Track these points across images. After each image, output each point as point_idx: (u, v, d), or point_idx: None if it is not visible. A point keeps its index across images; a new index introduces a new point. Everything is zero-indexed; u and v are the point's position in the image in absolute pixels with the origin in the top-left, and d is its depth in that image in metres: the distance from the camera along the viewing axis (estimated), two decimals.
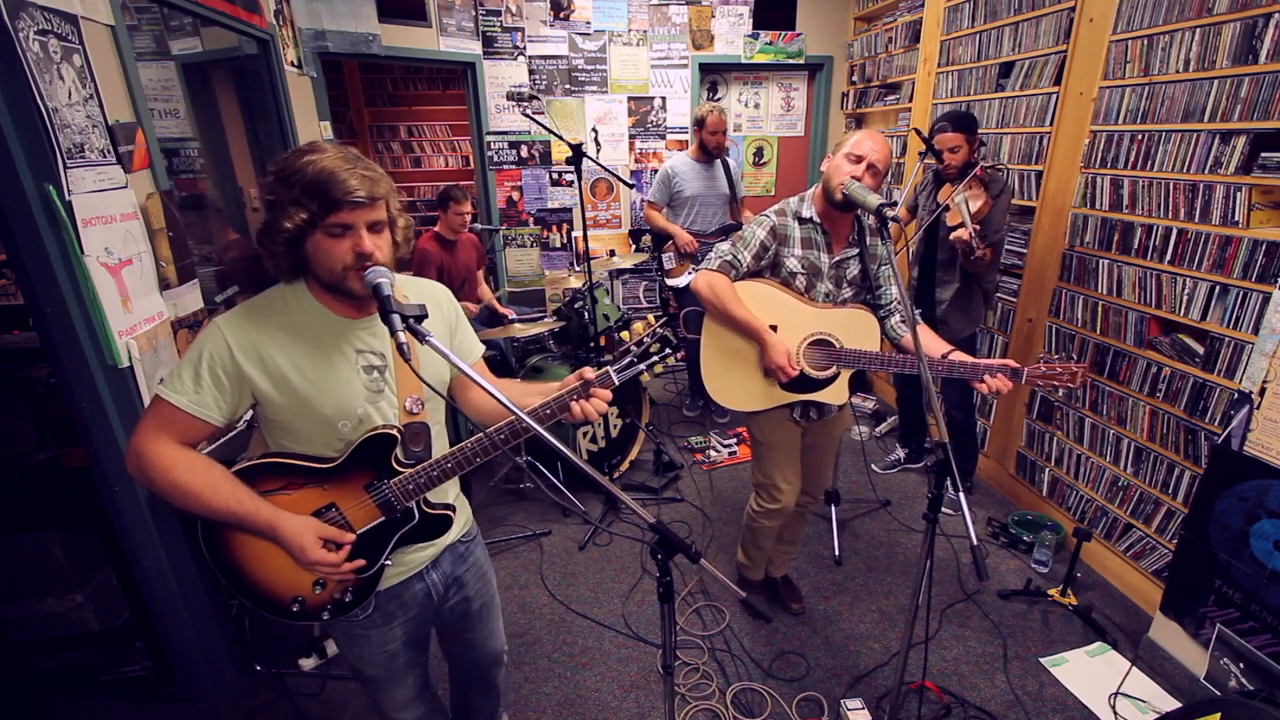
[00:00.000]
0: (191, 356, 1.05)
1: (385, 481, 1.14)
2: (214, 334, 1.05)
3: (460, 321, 1.31)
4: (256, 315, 1.08)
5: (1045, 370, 1.64)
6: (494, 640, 1.51)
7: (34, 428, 2.07)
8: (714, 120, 3.40)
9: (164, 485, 1.04)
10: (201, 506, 1.04)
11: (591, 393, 1.18)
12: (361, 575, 1.17)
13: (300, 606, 1.16)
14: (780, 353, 1.82)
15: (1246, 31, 1.90)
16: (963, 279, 2.64)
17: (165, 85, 2.38)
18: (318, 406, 1.09)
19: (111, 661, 2.10)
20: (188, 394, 1.04)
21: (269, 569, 1.14)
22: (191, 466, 1.05)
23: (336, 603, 1.18)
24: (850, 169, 1.71)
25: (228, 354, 1.04)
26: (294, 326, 1.08)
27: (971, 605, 2.38)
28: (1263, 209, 1.93)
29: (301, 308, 1.10)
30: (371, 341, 1.14)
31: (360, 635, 1.26)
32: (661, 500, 3.09)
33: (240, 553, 1.13)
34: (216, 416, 1.07)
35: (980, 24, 3.10)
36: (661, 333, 1.27)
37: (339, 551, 1.10)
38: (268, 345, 1.06)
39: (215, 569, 1.14)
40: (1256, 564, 1.73)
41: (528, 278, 4.81)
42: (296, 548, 1.06)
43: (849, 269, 1.91)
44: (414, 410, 1.18)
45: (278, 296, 1.10)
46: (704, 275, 1.87)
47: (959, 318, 2.70)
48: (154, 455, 1.04)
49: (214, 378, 1.05)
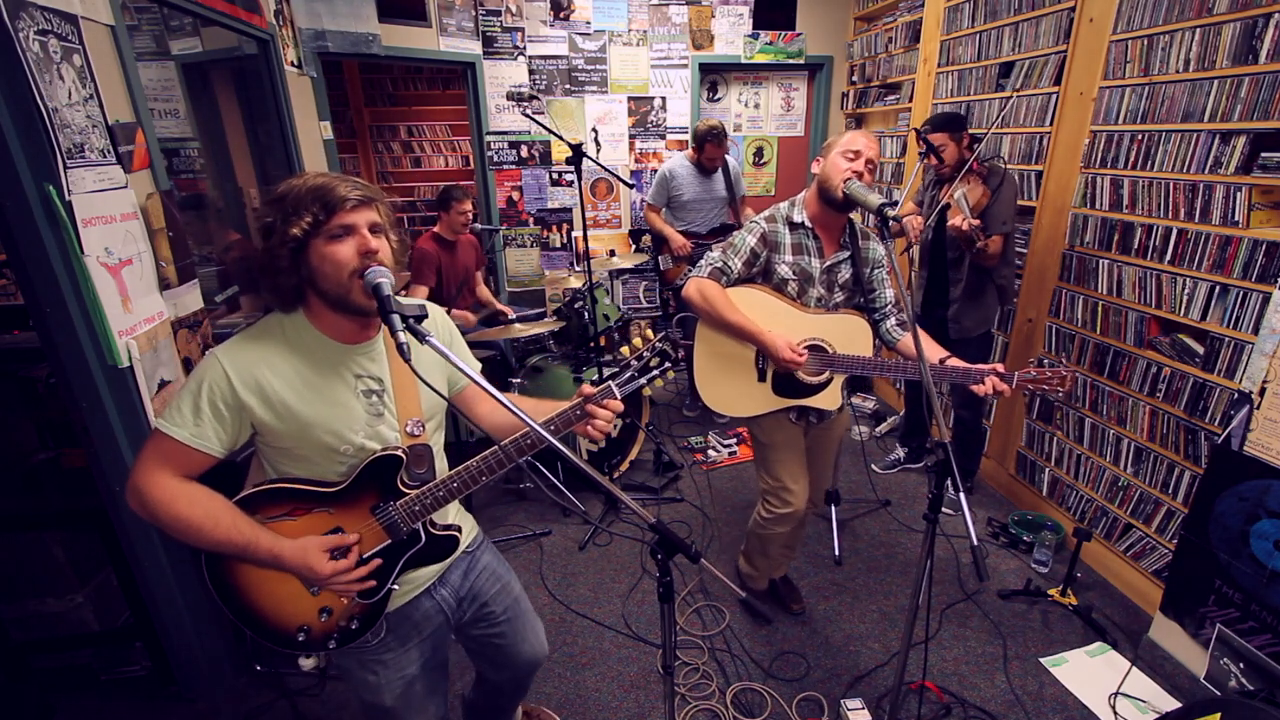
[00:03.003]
0: (190, 388, 1.04)
1: (391, 504, 1.14)
2: (212, 365, 1.04)
3: (455, 339, 1.31)
4: (254, 344, 1.07)
5: (1035, 374, 1.66)
6: (529, 645, 1.44)
7: (34, 428, 2.07)
8: (712, 149, 3.47)
9: (166, 520, 1.03)
10: (204, 540, 1.04)
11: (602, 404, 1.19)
12: (368, 600, 1.16)
13: (306, 635, 1.15)
14: (782, 346, 1.78)
15: (1246, 31, 1.90)
16: (973, 275, 2.63)
17: (165, 85, 2.38)
18: (318, 433, 1.09)
19: (111, 661, 2.10)
20: (188, 427, 1.04)
21: (273, 599, 1.13)
22: (192, 500, 1.04)
23: (343, 630, 1.17)
24: (848, 166, 1.71)
25: (227, 385, 1.04)
26: (292, 354, 1.08)
27: (971, 605, 2.37)
28: (1263, 209, 1.93)
29: (299, 335, 1.10)
30: (369, 366, 1.15)
31: (374, 661, 1.24)
32: (661, 500, 3.09)
33: (243, 583, 1.12)
34: (217, 448, 1.06)
35: (980, 24, 3.10)
36: (661, 347, 1.27)
37: (348, 557, 1.10)
38: (266, 374, 1.06)
39: (220, 601, 1.13)
40: (1256, 564, 1.73)
41: (528, 278, 4.81)
42: (303, 567, 1.06)
43: (840, 273, 1.91)
44: (415, 433, 1.18)
45: (275, 325, 1.10)
46: (694, 283, 1.85)
47: (972, 316, 2.69)
48: (154, 490, 1.03)
49: (214, 409, 1.04)
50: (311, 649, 1.16)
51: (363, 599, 1.15)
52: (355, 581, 1.10)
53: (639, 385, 1.25)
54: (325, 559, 1.07)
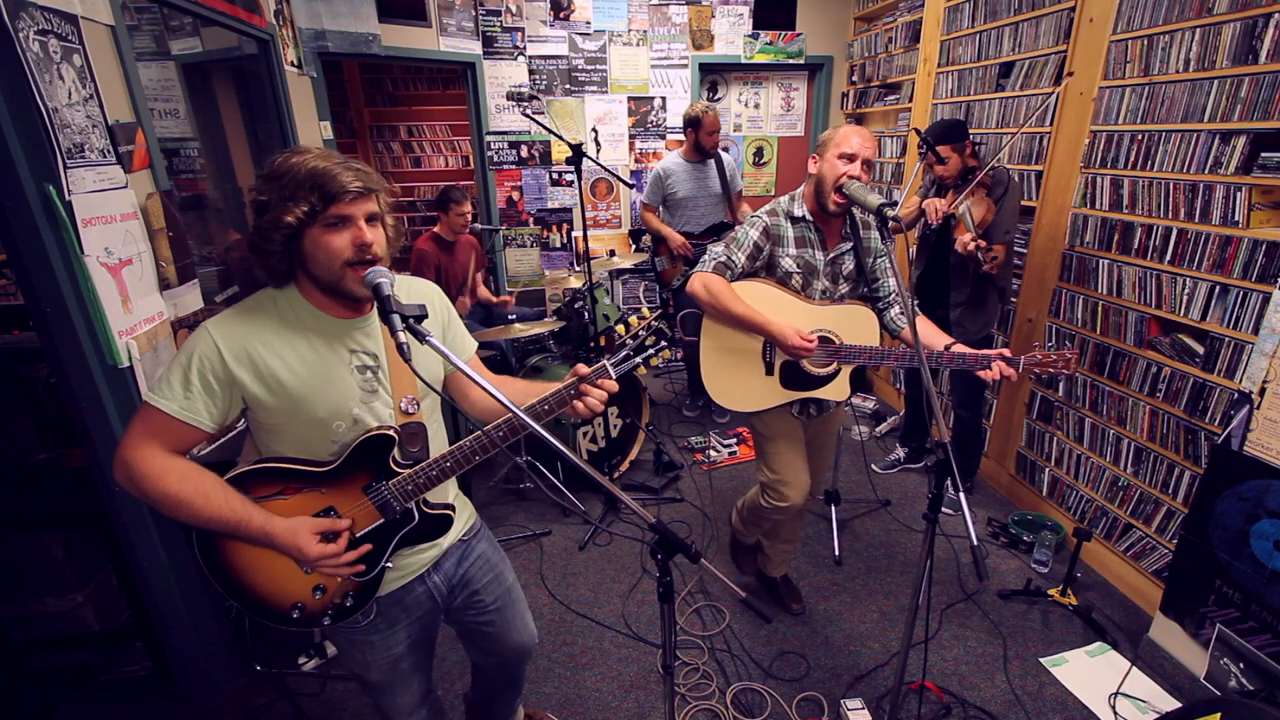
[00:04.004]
0: (181, 361, 1.03)
1: (383, 483, 1.13)
2: (203, 338, 1.03)
3: (452, 319, 1.31)
4: (246, 317, 1.06)
5: (1041, 358, 1.67)
6: (517, 633, 1.45)
7: (34, 428, 2.07)
8: (710, 120, 3.39)
9: (154, 495, 1.02)
10: (193, 516, 1.02)
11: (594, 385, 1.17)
12: (362, 578, 1.16)
13: (301, 612, 1.15)
14: (790, 333, 1.76)
15: (1246, 31, 1.90)
16: (975, 282, 2.63)
17: (165, 85, 2.38)
18: (311, 408, 1.07)
19: (111, 661, 2.10)
20: (177, 400, 1.02)
21: (267, 576, 1.12)
22: (183, 475, 1.03)
23: (337, 607, 1.17)
24: (845, 168, 1.71)
25: (218, 358, 1.03)
26: (285, 328, 1.07)
27: (971, 605, 2.37)
28: (1263, 209, 1.93)
29: (293, 308, 1.09)
30: (365, 342, 1.14)
31: (363, 641, 1.25)
32: (661, 500, 3.09)
33: (237, 562, 1.11)
34: (207, 422, 1.05)
35: (980, 24, 3.10)
36: (656, 325, 1.27)
37: (338, 541, 1.09)
38: (259, 347, 1.05)
39: (213, 580, 1.12)
40: (1256, 564, 1.73)
41: (528, 278, 4.81)
42: (293, 547, 1.05)
43: (844, 264, 1.91)
44: (410, 410, 1.17)
45: (268, 299, 1.09)
46: (699, 278, 1.85)
47: (974, 320, 2.69)
48: (143, 464, 1.02)
49: (204, 383, 1.03)
50: (306, 625, 1.15)
51: (356, 576, 1.15)
52: (344, 565, 1.10)
53: (634, 365, 1.24)
54: (315, 541, 1.06)
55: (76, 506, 1.89)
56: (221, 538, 1.09)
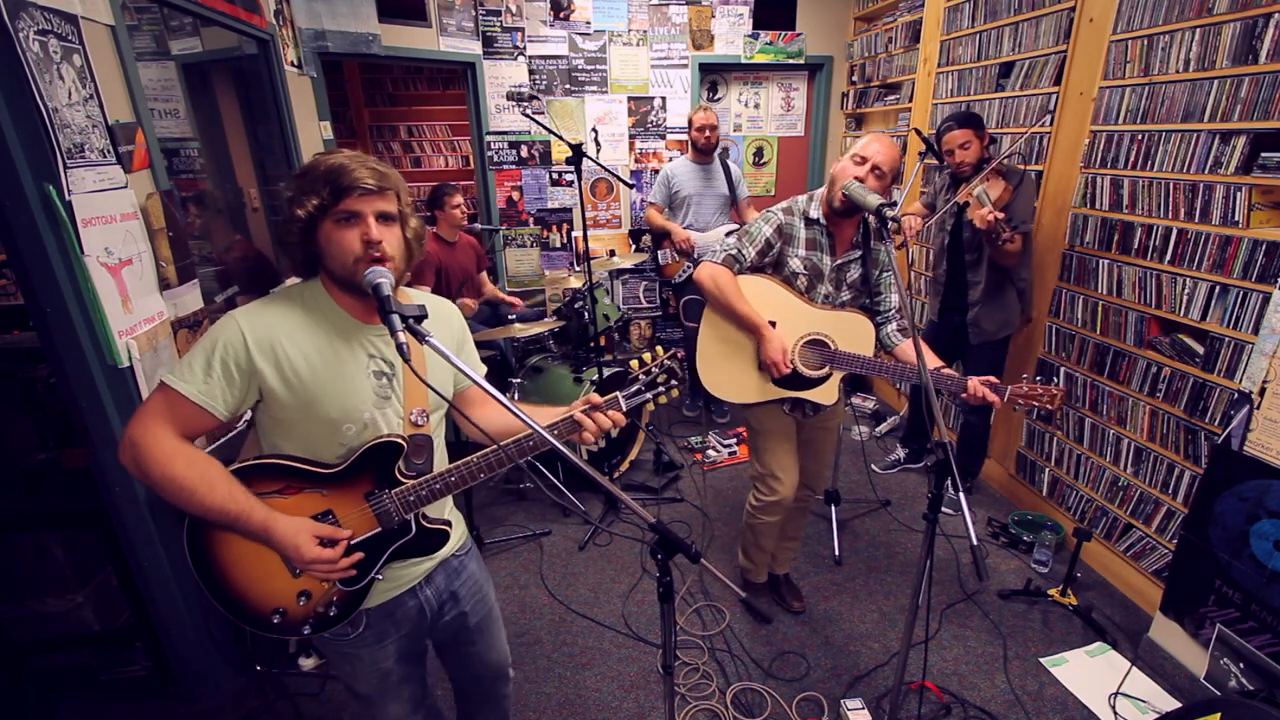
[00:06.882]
0: (204, 345, 1.03)
1: (386, 491, 1.13)
2: (230, 325, 1.04)
3: (467, 342, 1.31)
4: (273, 310, 1.08)
5: (1027, 390, 1.69)
6: (494, 653, 1.46)
7: (34, 428, 2.07)
8: (698, 117, 3.53)
9: (159, 479, 1.01)
10: (196, 504, 1.01)
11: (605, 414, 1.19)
12: (350, 587, 1.14)
13: (281, 618, 1.12)
14: (776, 348, 1.85)
15: (1246, 31, 1.90)
16: (992, 277, 2.62)
17: (165, 85, 2.37)
18: (324, 407, 1.07)
19: (111, 661, 2.10)
20: (197, 383, 1.02)
21: (252, 576, 1.11)
22: (190, 461, 1.02)
23: (320, 616, 1.14)
24: (854, 170, 1.74)
25: (242, 346, 1.03)
26: (309, 323, 1.08)
27: (971, 605, 2.37)
28: (1263, 209, 1.93)
29: (318, 304, 1.10)
30: (383, 348, 1.14)
31: (351, 653, 1.23)
32: (661, 500, 3.09)
33: (224, 557, 1.09)
34: (221, 410, 1.04)
35: (980, 24, 3.10)
36: (669, 364, 1.30)
37: (334, 548, 1.08)
38: (283, 339, 1.05)
39: (195, 573, 1.10)
40: (1256, 564, 1.73)
41: (528, 278, 4.81)
42: (291, 546, 1.04)
43: (850, 272, 1.93)
44: (419, 423, 1.17)
45: (295, 293, 1.11)
46: (708, 267, 1.89)
47: (992, 319, 2.67)
48: (153, 447, 1.01)
49: (225, 370, 1.03)
50: (283, 632, 1.13)
51: (344, 586, 1.13)
52: (337, 570, 1.09)
53: (645, 400, 1.28)
54: (314, 543, 1.06)
55: (76, 506, 1.89)
56: (212, 530, 1.07)
